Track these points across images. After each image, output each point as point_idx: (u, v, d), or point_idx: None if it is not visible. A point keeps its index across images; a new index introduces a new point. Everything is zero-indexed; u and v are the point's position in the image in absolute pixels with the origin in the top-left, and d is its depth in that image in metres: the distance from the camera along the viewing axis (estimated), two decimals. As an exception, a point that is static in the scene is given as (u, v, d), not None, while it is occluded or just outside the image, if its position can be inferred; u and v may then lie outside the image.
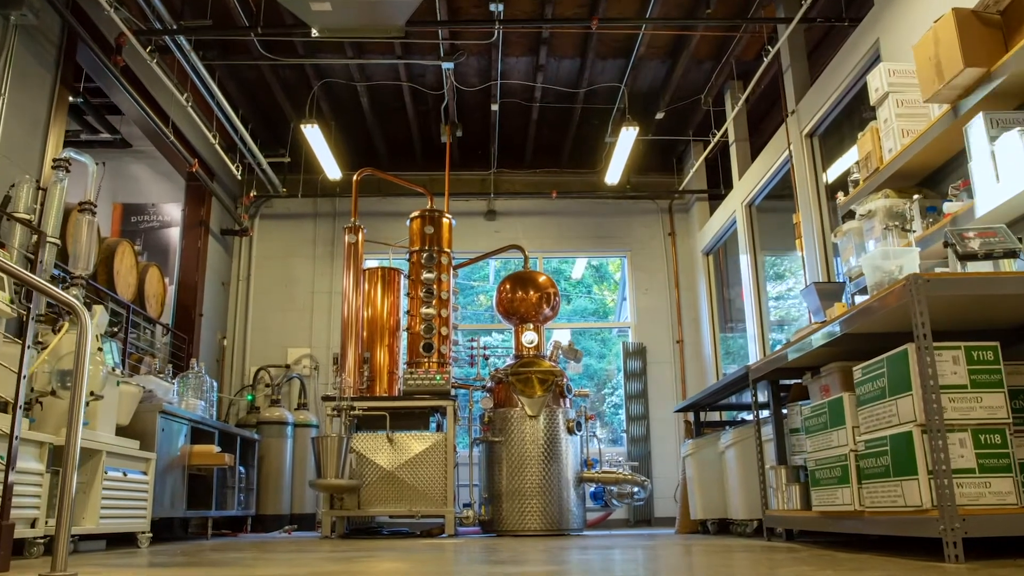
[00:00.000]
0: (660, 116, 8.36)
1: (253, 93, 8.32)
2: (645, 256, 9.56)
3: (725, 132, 8.15)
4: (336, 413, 6.25)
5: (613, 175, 8.59)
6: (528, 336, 7.10)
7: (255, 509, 7.41)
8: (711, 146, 8.44)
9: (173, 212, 8.58)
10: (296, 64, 7.54)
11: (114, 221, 8.56)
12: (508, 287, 7.25)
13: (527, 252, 7.70)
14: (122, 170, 8.76)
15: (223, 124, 7.80)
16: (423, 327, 6.70)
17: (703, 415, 6.67)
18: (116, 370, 4.81)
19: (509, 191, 9.56)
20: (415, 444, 6.21)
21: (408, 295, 6.88)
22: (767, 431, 4.59)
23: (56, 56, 5.71)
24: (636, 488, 6.67)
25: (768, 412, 4.67)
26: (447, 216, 7.14)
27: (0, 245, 4.60)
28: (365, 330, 6.71)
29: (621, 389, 9.48)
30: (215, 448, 6.04)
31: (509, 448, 6.44)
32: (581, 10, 6.92)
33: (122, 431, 4.92)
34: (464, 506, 6.92)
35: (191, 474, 5.92)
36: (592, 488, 6.95)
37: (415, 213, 7.13)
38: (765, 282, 7.72)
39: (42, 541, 3.89)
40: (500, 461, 6.46)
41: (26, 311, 4.00)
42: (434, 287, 6.79)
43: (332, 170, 8.45)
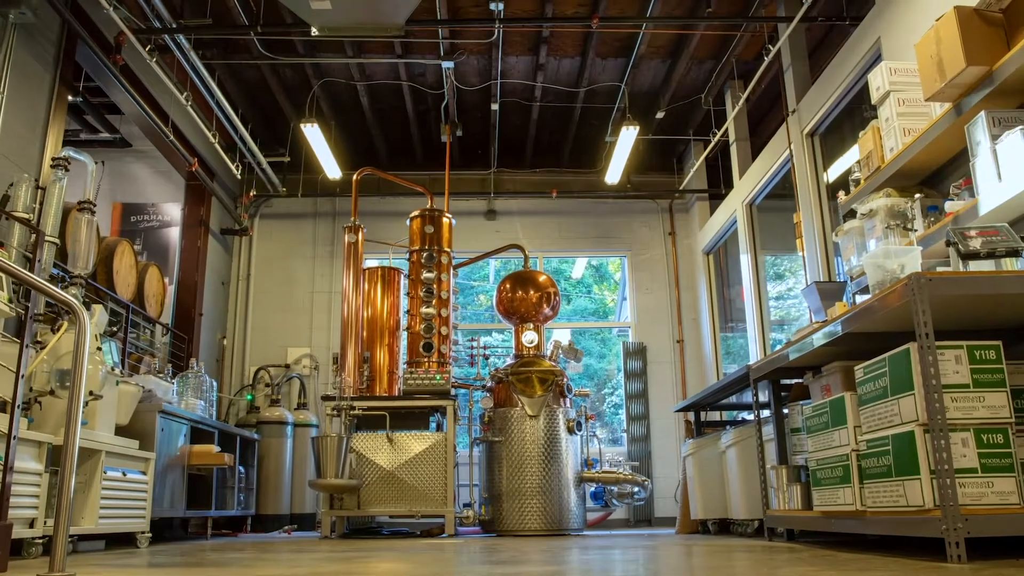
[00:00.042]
0: (660, 115, 8.35)
1: (253, 92, 8.31)
2: (645, 256, 9.55)
3: (725, 131, 8.13)
4: (336, 413, 6.24)
5: (613, 175, 8.58)
6: (528, 336, 7.09)
7: (255, 509, 7.40)
8: (711, 145, 8.43)
9: (173, 212, 8.56)
10: (296, 63, 7.53)
11: (114, 221, 8.55)
12: (508, 287, 7.23)
13: (527, 252, 7.69)
14: (122, 170, 8.75)
15: (223, 123, 7.79)
16: (423, 327, 6.69)
17: (703, 415, 6.66)
18: (115, 370, 4.80)
19: (509, 191, 9.55)
20: (415, 444, 6.20)
21: (408, 295, 6.87)
22: (768, 431, 4.58)
23: (55, 55, 5.69)
24: (636, 488, 6.66)
25: (769, 412, 4.66)
26: (447, 215, 7.13)
27: (-1, 244, 4.59)
28: (365, 330, 6.69)
29: (621, 389, 9.47)
30: (215, 448, 6.03)
31: (509, 448, 6.43)
32: (582, 9, 6.91)
33: (121, 431, 4.91)
34: (464, 506, 6.91)
35: (191, 474, 5.92)
36: (592, 488, 6.94)
37: (415, 212, 7.12)
38: (766, 282, 7.71)
39: (41, 541, 3.87)
40: (500, 461, 6.45)
41: (25, 310, 3.99)
42: (434, 287, 6.78)
43: (332, 169, 8.44)
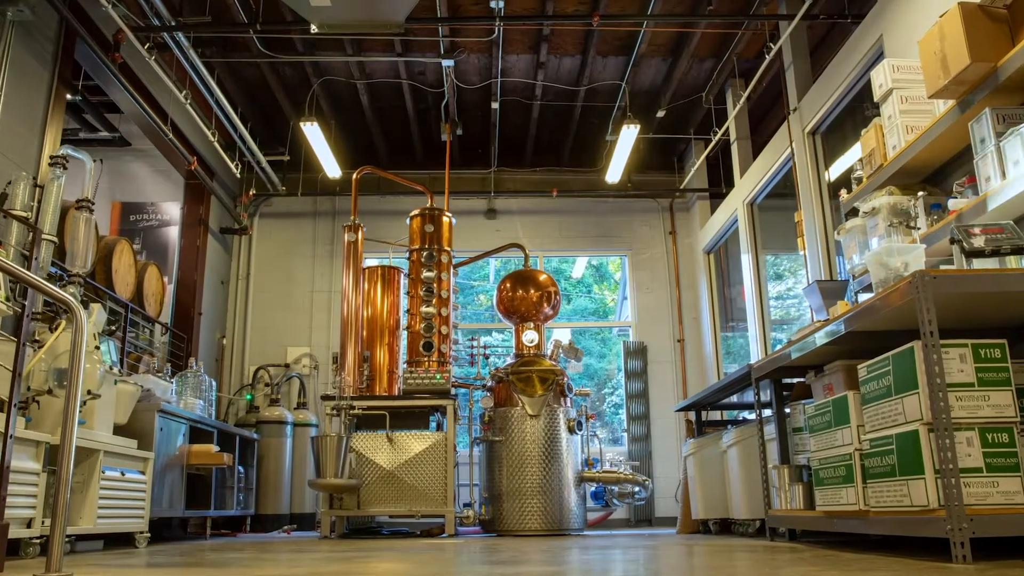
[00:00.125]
0: (661, 114, 8.32)
1: (252, 91, 8.29)
2: (646, 255, 9.53)
3: (726, 130, 8.11)
4: (336, 412, 6.22)
5: (614, 174, 8.56)
6: (528, 335, 7.07)
7: (254, 509, 7.38)
8: (712, 144, 8.40)
9: (172, 211, 8.54)
10: (295, 62, 7.51)
11: (113, 220, 8.52)
12: (508, 286, 7.21)
13: (527, 251, 7.66)
14: (121, 169, 8.72)
15: (222, 122, 7.77)
16: (423, 326, 6.67)
17: (704, 414, 6.64)
18: (114, 369, 4.78)
19: (509, 189, 9.52)
20: (415, 444, 6.17)
21: (408, 294, 6.85)
22: (769, 430, 4.56)
23: (54, 52, 5.67)
24: (637, 488, 6.64)
25: (770, 411, 4.64)
26: (447, 214, 7.11)
27: (-3, 243, 4.57)
28: (365, 329, 6.67)
29: (622, 388, 9.44)
30: (214, 448, 6.00)
31: (509, 447, 6.40)
32: (582, 7, 6.88)
33: (120, 430, 4.89)
34: (464, 506, 6.89)
35: (190, 474, 5.90)
36: (593, 488, 6.92)
37: (415, 211, 7.09)
38: (766, 281, 7.69)
39: (38, 541, 3.85)
40: (500, 460, 6.43)
41: (22, 309, 3.97)
42: (434, 286, 6.76)
43: (332, 168, 8.42)
